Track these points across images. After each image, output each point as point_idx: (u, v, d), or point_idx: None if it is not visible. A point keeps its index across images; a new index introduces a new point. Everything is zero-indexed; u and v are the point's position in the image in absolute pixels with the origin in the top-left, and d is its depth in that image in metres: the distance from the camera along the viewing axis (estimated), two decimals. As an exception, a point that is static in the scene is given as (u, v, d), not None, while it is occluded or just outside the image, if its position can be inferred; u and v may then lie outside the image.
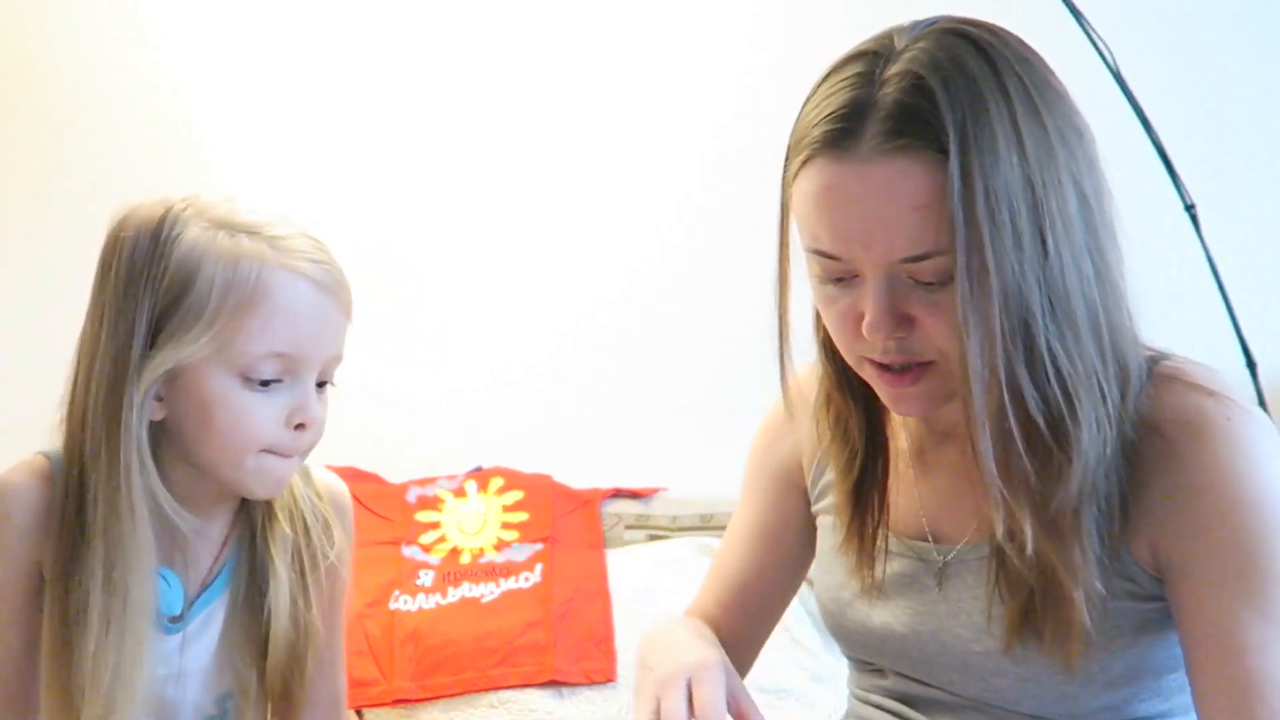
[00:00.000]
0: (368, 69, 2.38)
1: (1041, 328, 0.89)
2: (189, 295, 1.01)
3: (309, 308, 1.04)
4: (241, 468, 1.05)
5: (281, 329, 1.03)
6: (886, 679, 1.12)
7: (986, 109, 0.88)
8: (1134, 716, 1.00)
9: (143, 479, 1.03)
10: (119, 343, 1.02)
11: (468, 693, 1.86)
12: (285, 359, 1.04)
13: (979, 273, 0.88)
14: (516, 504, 2.19)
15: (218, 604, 1.13)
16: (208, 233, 1.03)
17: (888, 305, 0.93)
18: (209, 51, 2.36)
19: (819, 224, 0.94)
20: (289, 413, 1.05)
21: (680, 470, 2.34)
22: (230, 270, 1.02)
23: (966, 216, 0.87)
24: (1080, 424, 0.91)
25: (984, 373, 0.89)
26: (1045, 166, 0.90)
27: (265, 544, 1.13)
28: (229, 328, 1.01)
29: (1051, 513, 0.93)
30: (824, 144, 0.92)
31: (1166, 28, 2.26)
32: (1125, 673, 0.98)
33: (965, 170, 0.87)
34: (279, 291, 1.03)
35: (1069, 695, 0.98)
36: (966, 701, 1.05)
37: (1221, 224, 2.01)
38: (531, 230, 2.41)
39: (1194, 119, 2.19)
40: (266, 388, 1.04)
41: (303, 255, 1.05)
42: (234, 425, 1.03)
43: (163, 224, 1.03)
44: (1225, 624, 0.91)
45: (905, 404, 0.99)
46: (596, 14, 2.37)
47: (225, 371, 1.02)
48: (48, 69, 2.36)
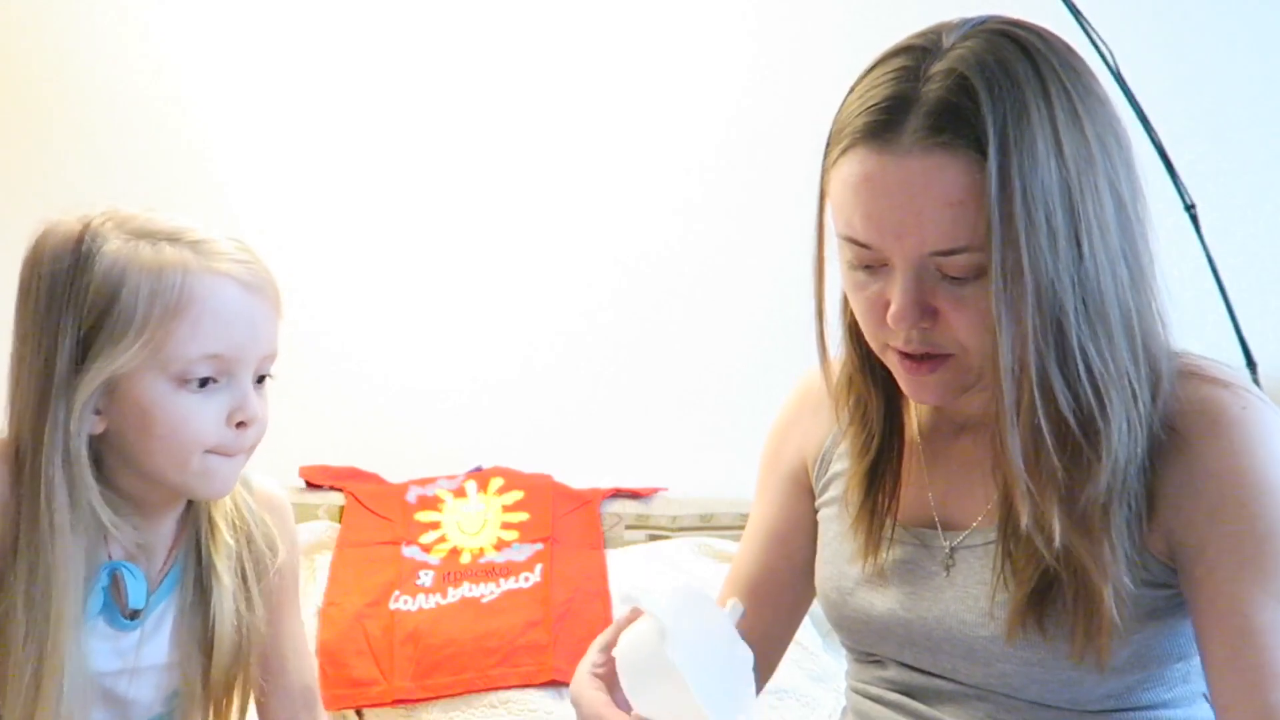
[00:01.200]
0: (368, 68, 2.38)
1: (1074, 327, 0.91)
2: (115, 308, 1.02)
3: (237, 308, 1.05)
4: (187, 471, 1.06)
5: (212, 331, 1.04)
6: (887, 670, 1.12)
7: (1028, 112, 0.90)
8: (1137, 705, 1.01)
9: (73, 496, 1.03)
10: (42, 362, 1.03)
11: (468, 693, 1.86)
12: (219, 360, 1.05)
13: (1013, 271, 0.90)
14: (516, 504, 2.19)
15: (168, 603, 1.14)
16: (129, 244, 1.04)
17: (914, 296, 0.95)
18: (208, 51, 2.36)
19: (854, 212, 0.96)
20: (229, 412, 1.06)
21: (680, 470, 2.35)
22: (155, 279, 1.03)
23: (1003, 215, 0.89)
24: (1111, 423, 0.93)
25: (1015, 368, 0.91)
26: (1084, 172, 0.92)
27: (209, 553, 1.14)
28: (159, 335, 1.02)
29: (1081, 508, 0.94)
30: (865, 134, 0.94)
31: (1166, 28, 2.26)
32: (1131, 660, 0.98)
33: (1003, 170, 0.89)
34: (206, 295, 1.04)
35: (1073, 682, 0.99)
36: (969, 689, 1.05)
37: (1221, 224, 2.01)
38: (531, 230, 2.41)
39: (1194, 119, 2.19)
40: (204, 388, 1.05)
41: (226, 257, 1.06)
42: (175, 429, 1.04)
43: (81, 240, 1.04)
44: (1239, 607, 0.93)
45: (923, 392, 1.01)
46: (600, 11, 2.37)
47: (160, 377, 1.03)
48: (48, 69, 2.36)
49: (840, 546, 1.15)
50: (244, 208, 2.40)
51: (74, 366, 1.03)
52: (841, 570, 1.14)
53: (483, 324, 2.42)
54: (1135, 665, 0.99)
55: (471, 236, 2.41)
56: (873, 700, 1.13)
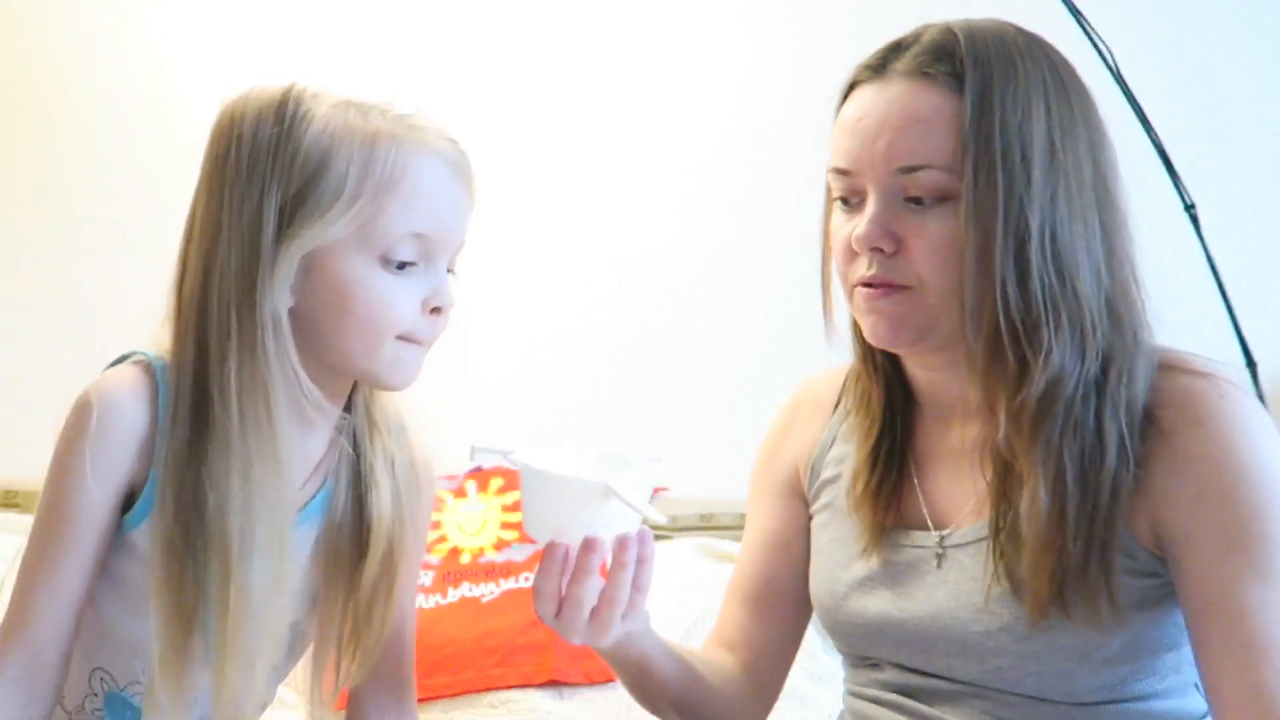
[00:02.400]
0: (369, 68, 2.38)
1: (1035, 252, 0.97)
2: (325, 177, 0.97)
3: (446, 188, 1.02)
4: (377, 356, 1.01)
5: (421, 209, 0.99)
6: (883, 672, 1.13)
7: (1015, 64, 1.00)
8: (1130, 696, 1.02)
9: (281, 366, 0.98)
10: (246, 228, 0.97)
11: (468, 693, 1.86)
12: (423, 241, 1.00)
13: (984, 190, 0.97)
14: (516, 504, 2.19)
15: (309, 527, 1.08)
16: (337, 112, 1.00)
17: (879, 216, 1.01)
18: (208, 52, 2.36)
19: (842, 139, 1.04)
20: (426, 297, 1.02)
21: (680, 470, 2.34)
22: (368, 150, 0.98)
23: (977, 136, 0.97)
24: (1054, 338, 0.98)
25: (979, 274, 0.98)
26: (1066, 132, 1.00)
27: (371, 451, 1.10)
28: (369, 208, 0.97)
29: (1016, 405, 0.99)
30: (860, 75, 1.06)
31: (1166, 28, 2.26)
32: (1123, 650, 0.99)
33: (983, 97, 0.98)
34: (418, 171, 0.99)
35: (1068, 674, 1.00)
36: (966, 687, 1.06)
37: (1221, 224, 2.01)
38: (531, 231, 2.41)
39: (1194, 119, 2.20)
40: (403, 270, 1.00)
41: (437, 134, 1.03)
42: (373, 310, 0.99)
43: (285, 105, 0.99)
44: (1227, 589, 0.94)
45: (881, 326, 1.04)
46: (600, 11, 2.37)
47: (364, 254, 0.98)
48: (48, 69, 2.37)
49: (833, 552, 1.15)
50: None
51: (276, 236, 0.97)
52: (834, 575, 1.14)
53: (483, 324, 2.42)
54: (1127, 656, 1.00)
55: (471, 237, 2.41)
56: (870, 702, 1.13)
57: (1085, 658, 0.99)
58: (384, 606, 1.10)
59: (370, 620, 1.10)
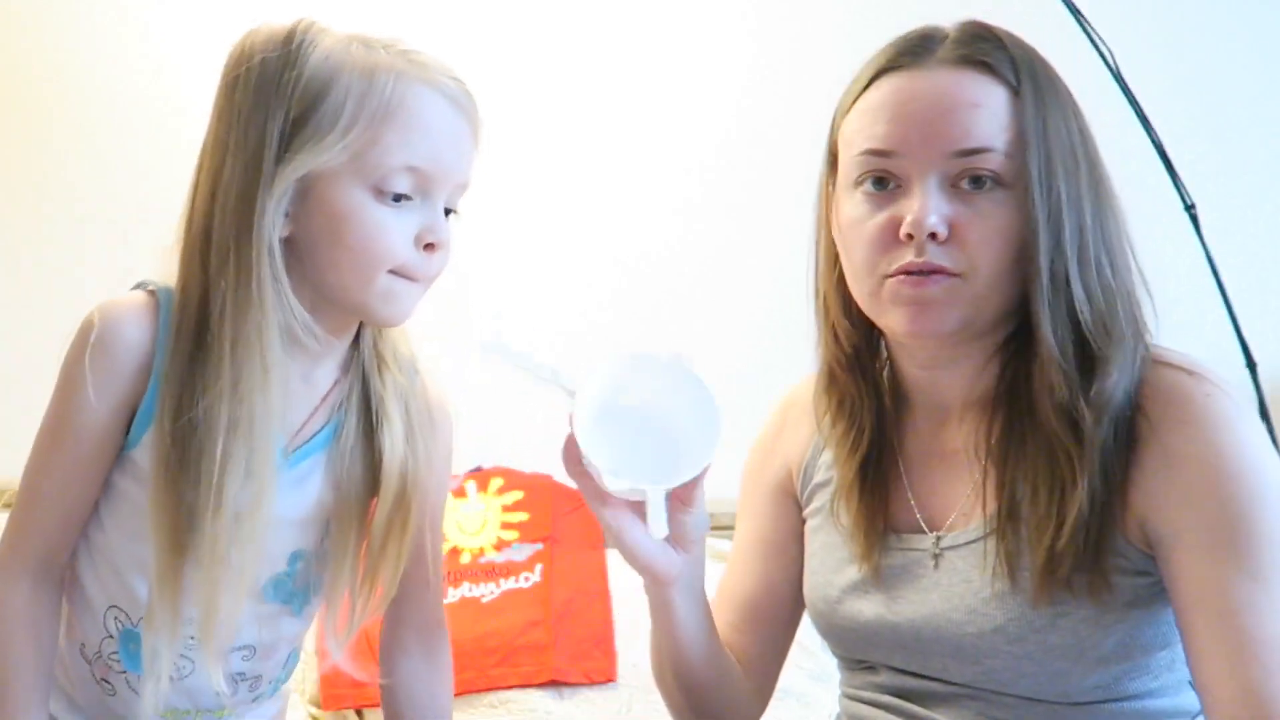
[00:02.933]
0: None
1: (1091, 238, 1.00)
2: (324, 103, 0.99)
3: (445, 123, 1.02)
4: (370, 288, 1.02)
5: (418, 142, 1.00)
6: (879, 675, 1.13)
7: (1044, 66, 1.03)
8: (1124, 695, 1.02)
9: (275, 290, 1.00)
10: (250, 151, 0.99)
11: (468, 693, 1.86)
12: (419, 174, 1.01)
13: (1047, 175, 0.98)
14: (516, 504, 2.19)
15: (318, 457, 1.10)
16: (341, 43, 1.02)
17: (935, 202, 0.99)
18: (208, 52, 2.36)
19: (879, 123, 1.01)
20: (420, 231, 1.03)
21: (680, 470, 2.35)
22: (367, 80, 1.00)
23: (1040, 124, 0.99)
24: (1120, 329, 1.00)
25: (1054, 251, 0.98)
26: (1089, 138, 1.04)
27: (378, 389, 1.11)
28: (364, 137, 0.99)
29: (1097, 395, 0.98)
30: (892, 63, 1.02)
31: (1166, 28, 2.26)
32: (1116, 649, 0.99)
33: (1037, 91, 1.00)
34: (416, 104, 1.01)
35: (1061, 673, 1.00)
36: (961, 689, 1.06)
37: (1221, 224, 2.01)
38: (531, 230, 2.41)
39: (1194, 119, 2.20)
40: (398, 204, 1.01)
41: (439, 70, 1.04)
42: (366, 241, 1.00)
43: (293, 35, 1.01)
44: (1217, 587, 0.94)
45: (924, 315, 1.01)
46: (601, 12, 2.37)
47: (359, 184, 1.00)
48: (48, 69, 2.37)
49: (826, 557, 1.15)
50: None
51: (276, 159, 0.99)
52: (828, 580, 1.14)
53: (482, 324, 2.42)
54: (1121, 655, 1.00)
55: (471, 236, 2.41)
56: (866, 704, 1.14)
57: (1079, 657, 0.99)
58: (398, 545, 1.10)
59: (384, 557, 1.10)
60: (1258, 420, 1.00)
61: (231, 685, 1.12)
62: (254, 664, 1.13)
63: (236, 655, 1.12)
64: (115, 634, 1.10)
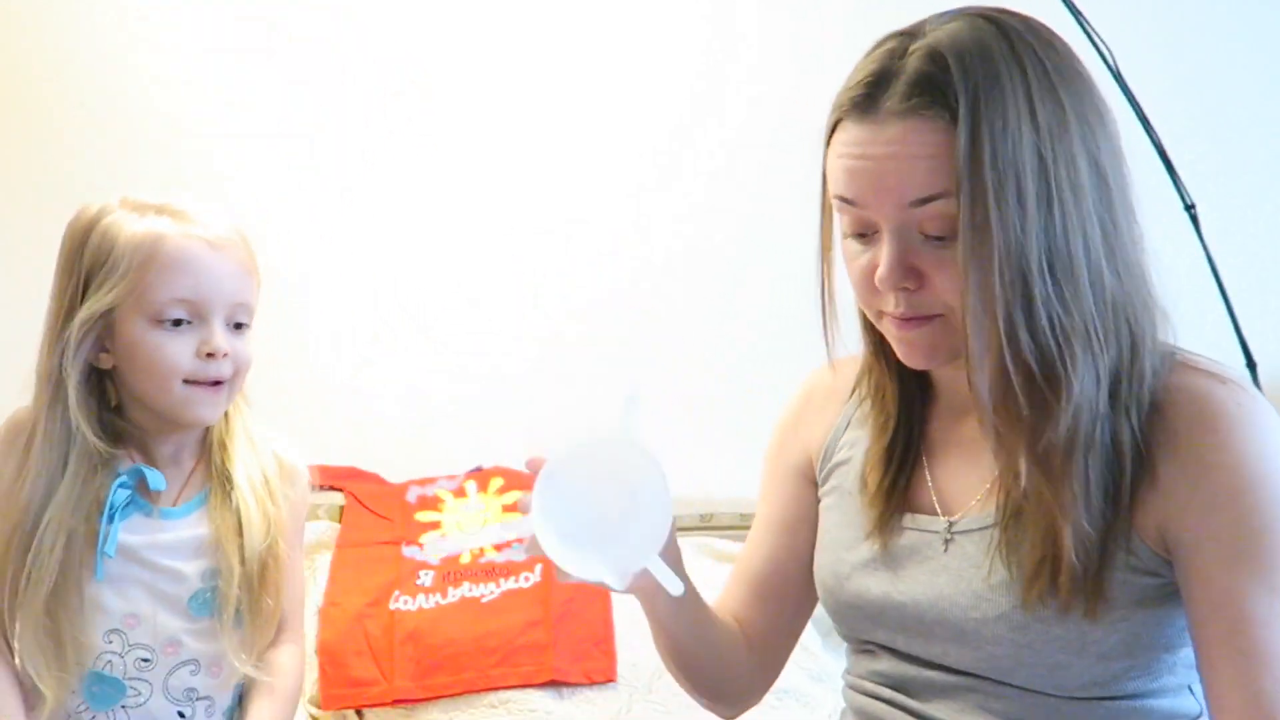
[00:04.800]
0: (372, 69, 2.38)
1: (1038, 281, 0.96)
2: (108, 261, 1.28)
3: (203, 261, 1.29)
4: (171, 396, 1.29)
5: (180, 279, 1.27)
6: (880, 662, 1.13)
7: (999, 81, 0.96)
8: (1122, 694, 1.02)
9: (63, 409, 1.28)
10: (57, 305, 1.31)
11: (468, 693, 1.86)
12: (188, 304, 1.28)
13: (981, 223, 0.95)
14: (516, 504, 2.18)
15: (201, 513, 1.35)
16: (128, 215, 1.30)
17: (897, 256, 1.00)
18: (209, 52, 2.36)
19: (841, 174, 1.02)
20: (198, 345, 1.28)
21: (680, 470, 2.34)
22: (139, 236, 1.28)
23: (971, 170, 0.95)
24: (1072, 370, 0.97)
25: (983, 316, 0.96)
26: (1058, 139, 0.97)
27: (221, 464, 1.36)
28: (137, 280, 1.27)
29: (1042, 449, 0.98)
30: (850, 108, 1.02)
31: (1166, 28, 2.26)
32: (1119, 646, 1.00)
33: (973, 130, 0.95)
34: (174, 249, 1.28)
35: (1061, 665, 1.00)
36: (959, 677, 1.06)
37: (1221, 224, 2.01)
38: (532, 230, 2.41)
39: (1194, 119, 2.19)
40: (178, 328, 1.28)
41: (199, 223, 1.30)
42: (153, 360, 1.28)
43: (99, 214, 1.31)
44: (1234, 598, 0.95)
45: (914, 352, 1.05)
46: (604, 12, 2.37)
47: (140, 317, 1.27)
48: (48, 69, 2.36)
49: (839, 534, 1.17)
50: (245, 209, 2.40)
51: (75, 306, 1.29)
52: (839, 556, 1.16)
53: (483, 324, 2.42)
54: (1122, 653, 1.00)
55: (471, 236, 2.41)
56: (867, 696, 1.15)
57: (1080, 651, 1.00)
58: (274, 570, 1.35)
59: (264, 581, 1.35)
60: None
61: (188, 705, 1.33)
62: (203, 679, 1.33)
63: (184, 670, 1.32)
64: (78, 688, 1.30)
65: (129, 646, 1.30)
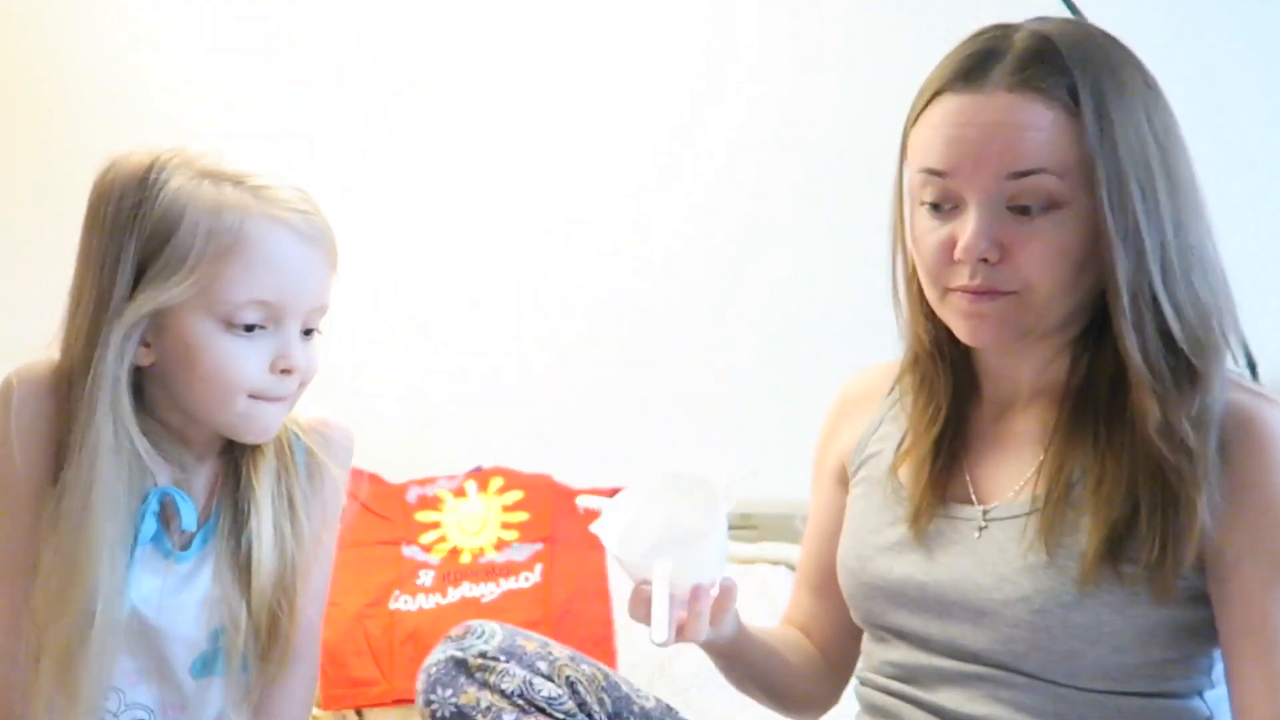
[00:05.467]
0: (370, 67, 2.38)
1: (1177, 250, 0.99)
2: (172, 241, 1.03)
3: (291, 257, 1.07)
4: (230, 412, 1.08)
5: (263, 277, 1.05)
6: (893, 651, 1.14)
7: (1119, 76, 1.01)
8: (1131, 690, 1.02)
9: (115, 420, 1.05)
10: (102, 286, 1.05)
11: (468, 693, 1.86)
12: (267, 306, 1.06)
13: (1118, 192, 0.97)
14: (516, 504, 2.19)
15: (215, 541, 1.15)
16: (192, 181, 1.06)
17: (985, 226, 1.00)
18: (209, 52, 2.36)
19: (936, 142, 1.02)
20: (273, 359, 1.08)
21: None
22: (213, 217, 1.04)
23: (1105, 153, 0.97)
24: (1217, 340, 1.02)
25: (1132, 279, 0.98)
26: (1168, 131, 1.03)
27: (248, 479, 1.15)
28: (210, 274, 1.04)
29: (1195, 414, 1.00)
30: (953, 79, 1.02)
31: (1166, 28, 2.26)
32: (1134, 641, 1.00)
33: (1102, 114, 0.98)
34: (261, 240, 1.05)
35: (1075, 653, 1.01)
36: (970, 667, 1.07)
37: (1221, 224, 2.00)
38: (532, 230, 2.40)
39: (1194, 119, 2.19)
40: (250, 334, 1.06)
41: (286, 205, 1.08)
42: (219, 370, 1.06)
43: (149, 171, 1.06)
44: (1270, 619, 0.97)
45: (982, 329, 1.04)
46: (606, 13, 2.37)
47: (208, 317, 1.05)
48: (48, 69, 2.36)
49: (865, 519, 1.18)
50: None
51: (128, 293, 1.04)
52: (864, 540, 1.17)
53: (483, 324, 2.42)
54: (1137, 648, 1.01)
55: (471, 236, 2.41)
56: (878, 690, 1.15)
57: (1095, 641, 1.00)
58: (287, 619, 1.15)
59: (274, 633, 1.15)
60: None
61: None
62: None
63: None
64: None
65: (125, 706, 1.13)
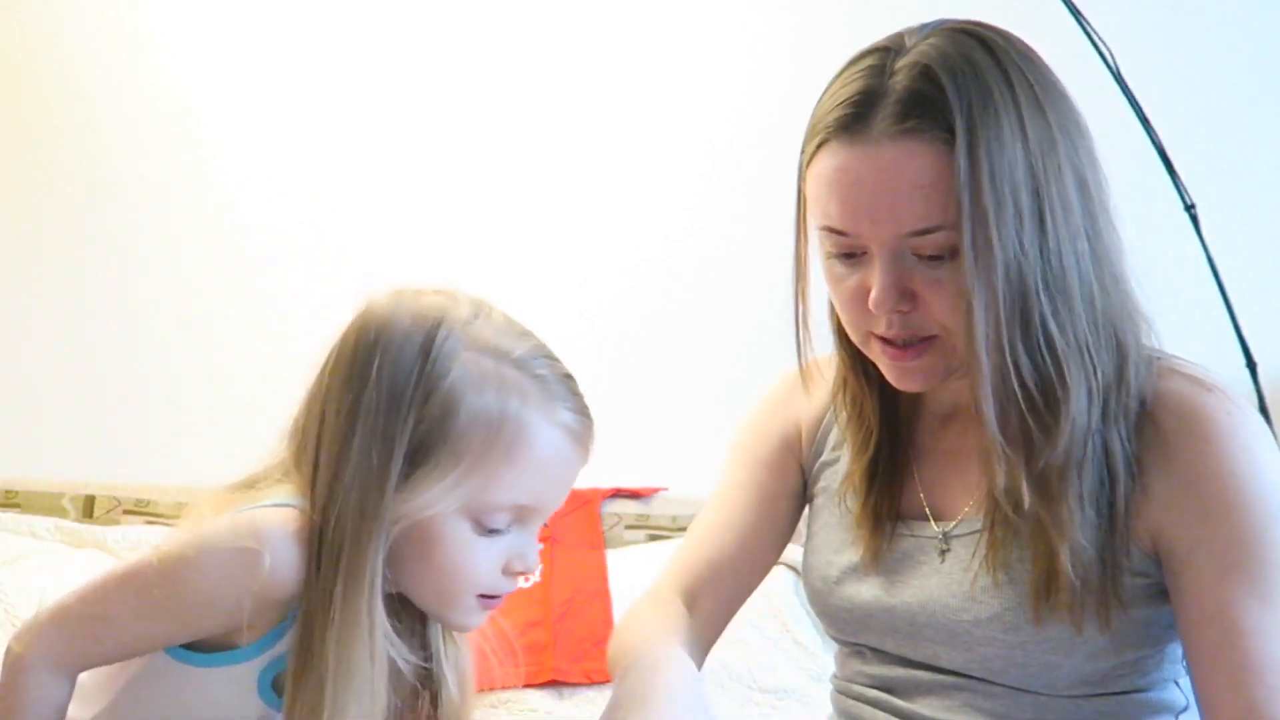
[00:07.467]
0: (371, 67, 2.38)
1: (1037, 301, 0.95)
2: (450, 432, 0.93)
3: (560, 461, 0.99)
4: (454, 607, 1.00)
5: (531, 483, 0.97)
6: (868, 663, 1.13)
7: (992, 98, 0.95)
8: (1111, 690, 1.03)
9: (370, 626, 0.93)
10: (376, 466, 0.93)
11: (468, 693, 1.86)
12: (523, 509, 0.98)
13: (983, 247, 0.93)
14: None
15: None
16: (473, 357, 0.96)
17: (893, 280, 0.98)
18: (209, 51, 2.36)
19: (830, 201, 0.99)
20: (508, 559, 0.99)
21: (680, 470, 2.34)
22: (494, 411, 0.94)
23: (972, 195, 0.93)
24: (1070, 391, 0.96)
25: (989, 339, 0.95)
26: (1047, 154, 0.96)
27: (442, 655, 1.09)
28: (481, 474, 0.94)
29: (1039, 470, 0.98)
30: (837, 128, 0.98)
31: (1166, 28, 2.26)
32: (1108, 646, 1.00)
33: (972, 152, 0.93)
34: (537, 443, 0.96)
35: (1052, 665, 1.01)
36: (948, 677, 1.06)
37: (1221, 224, 2.01)
38: (531, 230, 2.41)
39: (1194, 119, 2.19)
40: (493, 535, 0.98)
41: (564, 404, 0.99)
42: (455, 568, 0.97)
43: (434, 337, 0.95)
44: (1226, 609, 0.95)
45: (908, 378, 1.03)
46: (603, 12, 2.37)
47: (462, 517, 0.96)
48: (48, 69, 2.37)
49: (828, 537, 1.16)
50: (246, 209, 2.40)
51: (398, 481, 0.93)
52: (828, 560, 1.15)
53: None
54: (1111, 652, 1.01)
55: (471, 236, 2.41)
56: (853, 699, 1.15)
57: (1070, 652, 1.00)
58: None
59: None
60: (1272, 439, 1.00)
61: None
62: None
63: None
64: None
65: None
